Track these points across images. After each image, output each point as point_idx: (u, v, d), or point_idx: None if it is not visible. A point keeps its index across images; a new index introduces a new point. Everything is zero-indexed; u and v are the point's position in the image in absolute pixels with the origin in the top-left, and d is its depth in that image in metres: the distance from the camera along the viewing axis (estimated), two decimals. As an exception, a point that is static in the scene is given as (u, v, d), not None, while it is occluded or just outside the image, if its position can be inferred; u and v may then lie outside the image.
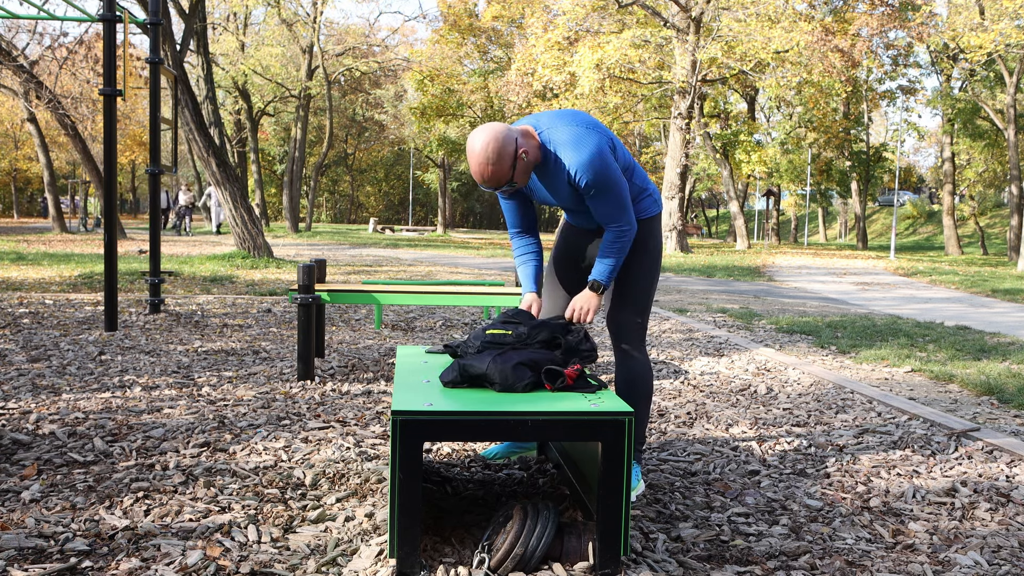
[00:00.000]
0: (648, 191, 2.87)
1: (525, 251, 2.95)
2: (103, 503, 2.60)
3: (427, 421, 2.10)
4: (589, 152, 2.57)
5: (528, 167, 2.63)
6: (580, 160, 2.57)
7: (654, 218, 2.88)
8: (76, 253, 14.76)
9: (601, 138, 2.61)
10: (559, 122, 2.66)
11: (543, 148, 2.65)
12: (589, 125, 2.64)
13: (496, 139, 2.53)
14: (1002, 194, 45.68)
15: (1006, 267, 21.40)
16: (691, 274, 15.75)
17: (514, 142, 2.56)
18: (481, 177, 2.57)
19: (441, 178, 38.28)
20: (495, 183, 2.58)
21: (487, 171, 2.55)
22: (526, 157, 2.59)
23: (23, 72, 18.20)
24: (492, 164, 2.54)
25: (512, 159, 2.56)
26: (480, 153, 2.53)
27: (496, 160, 2.53)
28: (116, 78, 6.25)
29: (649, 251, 2.85)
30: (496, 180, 2.57)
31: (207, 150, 12.10)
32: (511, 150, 2.55)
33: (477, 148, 2.54)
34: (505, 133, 2.54)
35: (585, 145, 2.58)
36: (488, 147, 2.52)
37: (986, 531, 2.60)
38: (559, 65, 21.56)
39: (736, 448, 3.49)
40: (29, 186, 50.72)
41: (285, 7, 30.03)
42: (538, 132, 2.66)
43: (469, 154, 2.57)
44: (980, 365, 5.58)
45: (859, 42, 22.03)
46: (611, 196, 2.63)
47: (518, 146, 2.57)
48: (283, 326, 6.63)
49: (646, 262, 2.84)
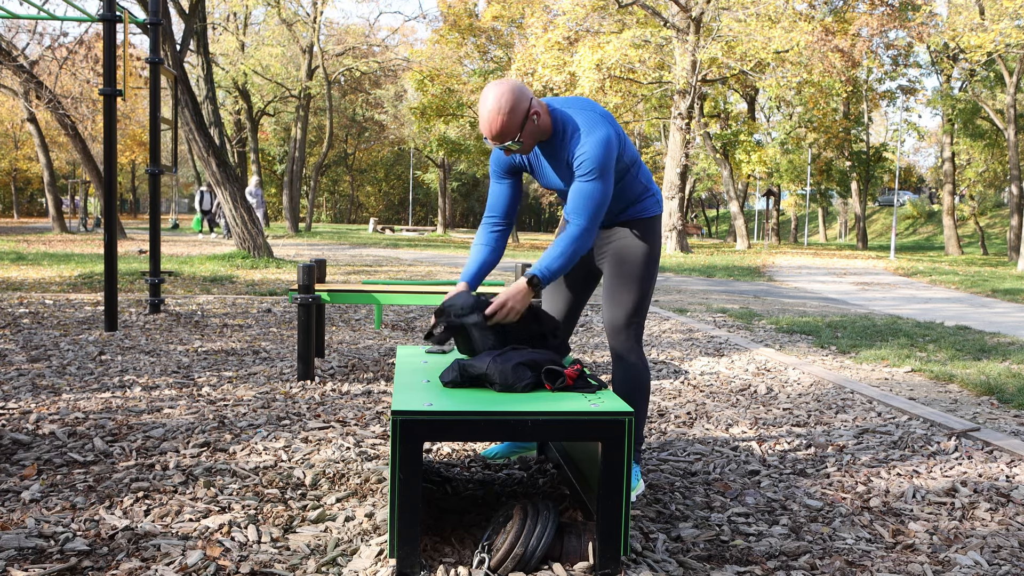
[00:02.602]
0: (651, 191, 2.85)
1: (483, 241, 2.83)
2: (103, 503, 2.60)
3: (427, 421, 2.10)
4: (597, 138, 2.54)
5: (536, 132, 2.58)
6: (586, 142, 2.55)
7: (655, 218, 2.86)
8: (76, 253, 14.76)
9: (610, 130, 2.59)
10: (574, 105, 2.65)
11: (554, 123, 2.62)
12: (603, 114, 2.64)
13: (512, 90, 2.49)
14: (1002, 194, 45.70)
15: (1006, 267, 21.41)
16: (691, 274, 15.75)
17: (528, 100, 2.52)
18: (490, 128, 2.50)
19: (441, 178, 38.29)
20: (502, 136, 2.51)
21: (497, 121, 2.48)
22: (536, 120, 2.55)
23: (23, 72, 18.20)
24: (504, 114, 2.48)
25: (524, 115, 2.51)
26: (494, 102, 2.48)
27: (509, 110, 2.48)
28: (116, 78, 6.25)
29: (648, 251, 2.83)
30: (504, 132, 2.50)
31: (207, 150, 12.10)
32: (524, 106, 2.51)
33: (491, 97, 2.48)
34: (521, 88, 2.51)
35: (595, 131, 2.56)
36: (502, 97, 2.48)
37: (986, 531, 2.60)
38: (559, 65, 21.56)
39: (736, 448, 3.49)
40: (29, 186, 50.73)
41: (285, 7, 30.04)
42: (551, 108, 2.64)
43: (482, 104, 2.51)
44: (980, 365, 5.57)
45: (859, 42, 22.07)
46: (592, 188, 2.57)
47: (531, 106, 2.53)
48: (283, 326, 6.63)
49: (645, 262, 2.82)
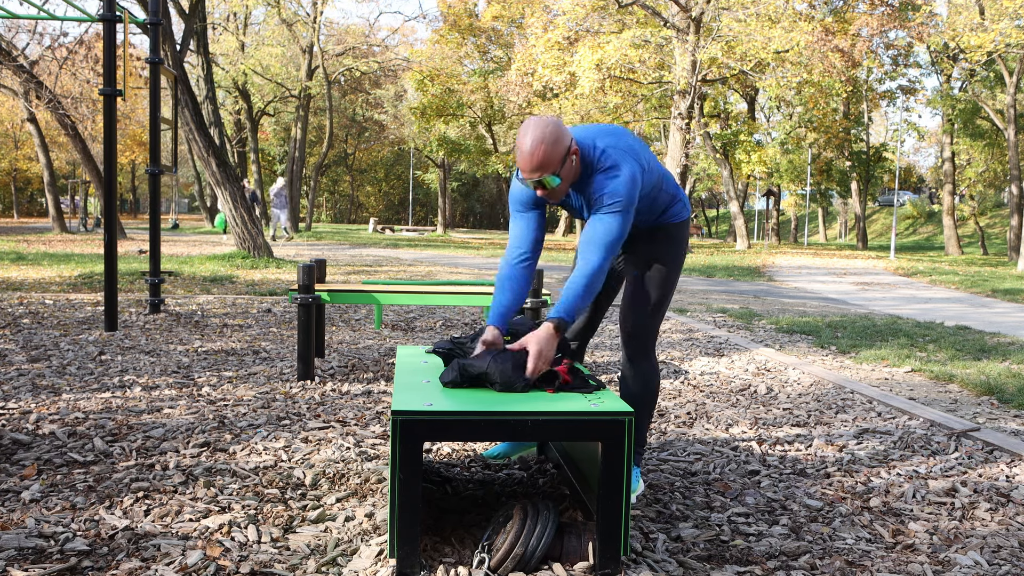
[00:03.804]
0: (679, 197, 2.82)
1: (508, 276, 2.68)
2: (103, 503, 2.60)
3: (427, 421, 2.10)
4: (623, 174, 2.50)
5: (572, 172, 2.53)
6: (611, 178, 2.51)
7: (684, 223, 2.83)
8: (76, 253, 14.76)
9: (636, 167, 2.54)
10: (599, 135, 2.60)
11: (583, 160, 2.57)
12: (629, 146, 2.58)
13: (556, 124, 2.46)
14: (1002, 194, 45.70)
15: (1006, 267, 21.40)
16: (691, 274, 15.75)
17: (570, 138, 2.49)
18: (532, 157, 2.42)
19: (441, 178, 38.28)
20: (543, 167, 2.44)
21: (539, 151, 2.41)
22: (575, 160, 2.52)
23: (23, 72, 18.20)
24: (548, 144, 2.42)
25: (565, 152, 2.47)
26: (538, 131, 2.42)
27: (553, 141, 2.43)
28: (116, 78, 6.25)
29: (674, 255, 2.80)
30: (544, 163, 2.43)
31: (207, 150, 12.10)
32: (566, 142, 2.47)
33: (533, 127, 2.43)
34: (563, 125, 2.49)
35: (621, 166, 2.52)
36: (547, 127, 2.43)
37: (986, 531, 2.60)
38: (559, 65, 21.57)
39: (736, 448, 3.48)
40: (29, 186, 50.73)
41: (285, 7, 30.04)
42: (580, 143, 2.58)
43: (522, 135, 2.45)
44: (980, 365, 5.57)
45: (859, 42, 22.06)
46: (611, 224, 2.51)
47: (572, 145, 2.50)
48: (283, 326, 6.63)
49: (669, 266, 2.79)
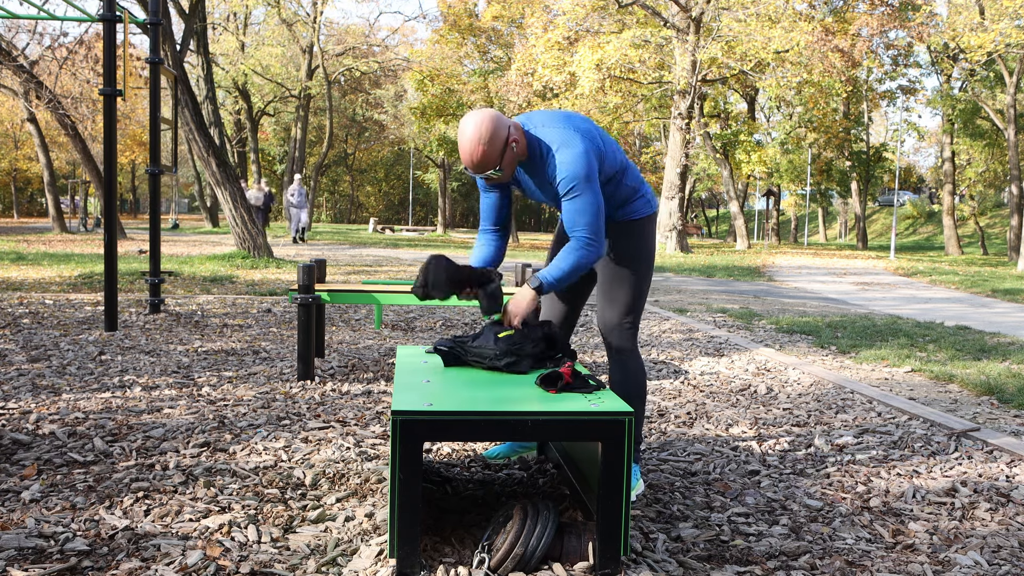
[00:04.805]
0: (641, 192, 2.85)
1: (483, 242, 2.92)
2: (103, 503, 2.60)
3: (427, 421, 2.10)
4: (572, 154, 2.57)
5: (514, 159, 2.64)
6: (562, 160, 2.58)
7: (647, 219, 2.85)
8: (76, 253, 14.75)
9: (588, 144, 2.60)
10: (550, 121, 2.67)
11: (530, 145, 2.66)
12: (578, 129, 2.64)
13: (490, 120, 2.54)
14: (1002, 194, 45.68)
15: (1006, 267, 21.41)
16: (691, 274, 15.75)
17: (507, 128, 2.58)
18: (471, 158, 2.56)
19: (441, 178, 38.29)
20: (483, 166, 2.57)
21: (478, 151, 2.54)
22: (515, 147, 2.60)
23: (23, 72, 18.19)
24: (484, 144, 2.54)
25: (503, 144, 2.57)
26: (473, 132, 2.53)
27: (489, 140, 2.53)
28: (116, 78, 6.25)
29: (642, 252, 2.83)
30: (485, 163, 2.57)
31: (207, 150, 12.11)
32: (503, 135, 2.56)
33: (470, 128, 2.54)
34: (499, 117, 2.56)
35: (569, 147, 2.58)
36: (482, 126, 2.53)
37: (986, 531, 2.60)
38: (559, 65, 21.56)
39: (736, 448, 3.48)
40: (29, 186, 50.72)
41: (285, 7, 30.05)
42: (528, 129, 2.68)
43: (461, 135, 2.56)
44: (980, 365, 5.57)
45: (859, 42, 22.05)
46: (581, 203, 2.60)
47: (509, 134, 2.58)
48: (283, 326, 6.63)
49: (638, 263, 2.82)
